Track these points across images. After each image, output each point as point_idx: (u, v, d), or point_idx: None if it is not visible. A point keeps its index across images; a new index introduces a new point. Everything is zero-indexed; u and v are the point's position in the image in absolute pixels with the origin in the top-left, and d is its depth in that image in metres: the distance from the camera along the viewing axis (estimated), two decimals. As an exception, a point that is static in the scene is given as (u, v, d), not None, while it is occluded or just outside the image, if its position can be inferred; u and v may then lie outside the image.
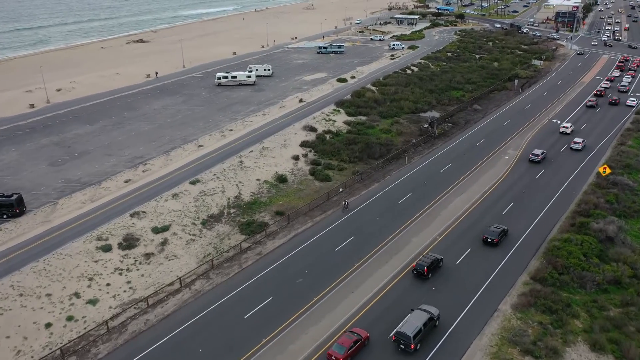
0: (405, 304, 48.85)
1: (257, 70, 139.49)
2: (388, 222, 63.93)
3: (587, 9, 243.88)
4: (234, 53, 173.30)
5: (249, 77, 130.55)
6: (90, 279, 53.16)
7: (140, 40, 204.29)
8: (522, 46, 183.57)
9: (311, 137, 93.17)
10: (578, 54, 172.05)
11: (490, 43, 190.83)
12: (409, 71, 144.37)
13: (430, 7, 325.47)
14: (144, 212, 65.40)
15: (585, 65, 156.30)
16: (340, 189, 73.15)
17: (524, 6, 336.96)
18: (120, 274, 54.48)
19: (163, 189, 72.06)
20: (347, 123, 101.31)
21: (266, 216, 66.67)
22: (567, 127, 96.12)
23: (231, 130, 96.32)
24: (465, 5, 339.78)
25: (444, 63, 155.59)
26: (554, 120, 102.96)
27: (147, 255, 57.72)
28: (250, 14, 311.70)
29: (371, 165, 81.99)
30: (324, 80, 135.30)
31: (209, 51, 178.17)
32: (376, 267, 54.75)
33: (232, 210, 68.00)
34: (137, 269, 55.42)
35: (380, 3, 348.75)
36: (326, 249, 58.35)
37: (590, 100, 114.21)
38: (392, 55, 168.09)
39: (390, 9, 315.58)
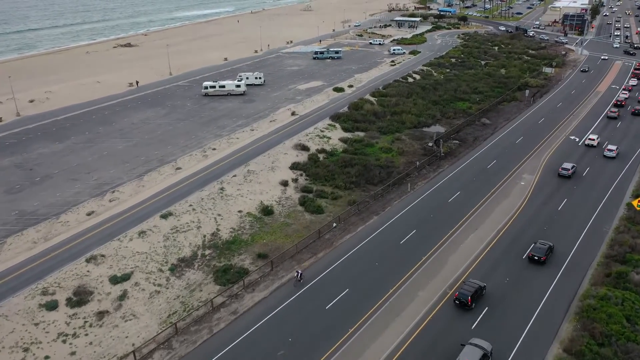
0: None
1: (247, 78, 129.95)
2: (389, 270, 54.31)
3: (595, 11, 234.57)
4: (225, 59, 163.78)
5: (238, 86, 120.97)
6: (26, 350, 43.55)
7: (128, 45, 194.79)
8: (530, 51, 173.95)
9: (303, 157, 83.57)
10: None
11: (496, 48, 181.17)
12: (410, 79, 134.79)
13: (432, 9, 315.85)
14: (103, 255, 55.78)
15: (599, 73, 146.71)
16: (334, 224, 63.55)
17: (528, 8, 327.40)
18: (64, 341, 44.86)
19: (129, 223, 62.51)
20: (343, 140, 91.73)
21: (246, 259, 57.06)
22: (593, 140, 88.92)
23: (214, 149, 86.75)
24: (467, 7, 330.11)
25: (448, 70, 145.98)
26: (572, 137, 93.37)
27: (100, 315, 48.08)
28: (246, 16, 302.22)
29: (369, 192, 72.42)
30: (319, 90, 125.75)
31: (199, 57, 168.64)
32: (374, 335, 45.16)
33: (207, 252, 58.38)
34: (86, 334, 45.79)
35: (379, 4, 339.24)
36: (315, 307, 48.76)
37: (611, 111, 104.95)
38: (392, 61, 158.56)
39: (390, 11, 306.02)
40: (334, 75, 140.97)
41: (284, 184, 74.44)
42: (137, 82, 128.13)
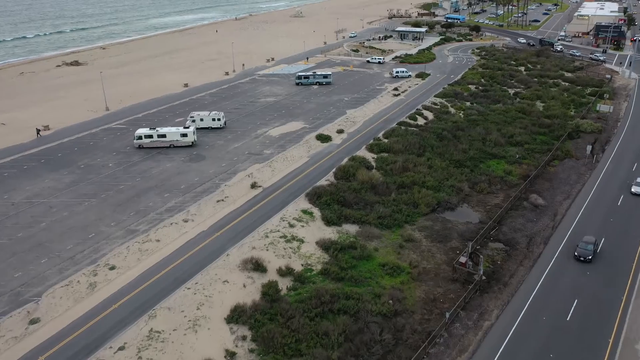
0: None
1: (201, 120, 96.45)
2: None
3: (631, 21, 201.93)
4: (185, 85, 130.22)
5: (184, 135, 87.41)
6: None
7: (75, 63, 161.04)
8: (565, 74, 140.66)
9: (253, 289, 50.23)
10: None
11: (522, 68, 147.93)
12: (420, 120, 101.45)
13: (437, 15, 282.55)
14: None
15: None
16: None
17: (544, 13, 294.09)
18: None
19: None
20: (323, 246, 58.16)
21: None
22: None
23: (112, 268, 53.35)
24: (476, 13, 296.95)
25: (468, 104, 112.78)
26: (683, 241, 59.89)
27: None
28: (228, 24, 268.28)
29: (363, 392, 39.17)
30: (297, 137, 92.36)
31: (154, 81, 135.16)
32: None
33: None
34: None
35: (379, 10, 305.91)
36: None
37: None
38: (395, 89, 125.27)
39: (390, 18, 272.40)
40: (319, 112, 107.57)
41: (209, 367, 41.00)
42: (38, 131, 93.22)
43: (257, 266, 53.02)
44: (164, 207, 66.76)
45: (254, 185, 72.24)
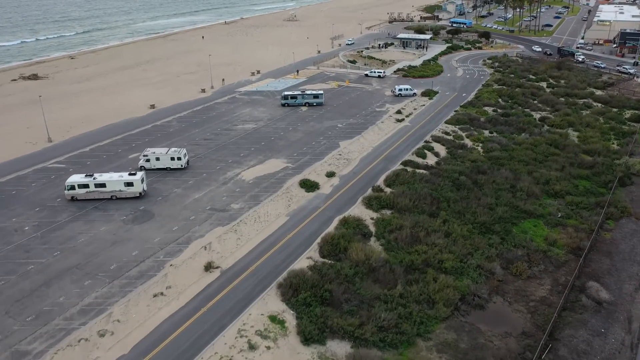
0: None
1: (158, 159, 77.07)
2: None
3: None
4: (152, 106, 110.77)
5: (129, 184, 67.96)
6: None
7: (34, 76, 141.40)
8: (595, 91, 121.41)
9: None
10: None
11: (544, 84, 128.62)
12: (431, 157, 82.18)
13: (441, 19, 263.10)
14: None
15: None
16: None
17: (555, 17, 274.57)
18: None
19: None
20: (296, 388, 38.94)
21: None
22: None
23: None
24: (482, 16, 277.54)
25: (487, 133, 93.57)
26: None
27: None
28: (216, 28, 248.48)
29: None
30: (276, 183, 73.04)
31: (116, 101, 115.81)
32: None
33: None
34: None
35: (379, 13, 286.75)
36: None
37: None
38: (398, 112, 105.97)
39: (391, 22, 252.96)
40: (306, 144, 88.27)
41: None
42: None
43: None
44: (78, 307, 47.49)
45: (209, 267, 52.96)
